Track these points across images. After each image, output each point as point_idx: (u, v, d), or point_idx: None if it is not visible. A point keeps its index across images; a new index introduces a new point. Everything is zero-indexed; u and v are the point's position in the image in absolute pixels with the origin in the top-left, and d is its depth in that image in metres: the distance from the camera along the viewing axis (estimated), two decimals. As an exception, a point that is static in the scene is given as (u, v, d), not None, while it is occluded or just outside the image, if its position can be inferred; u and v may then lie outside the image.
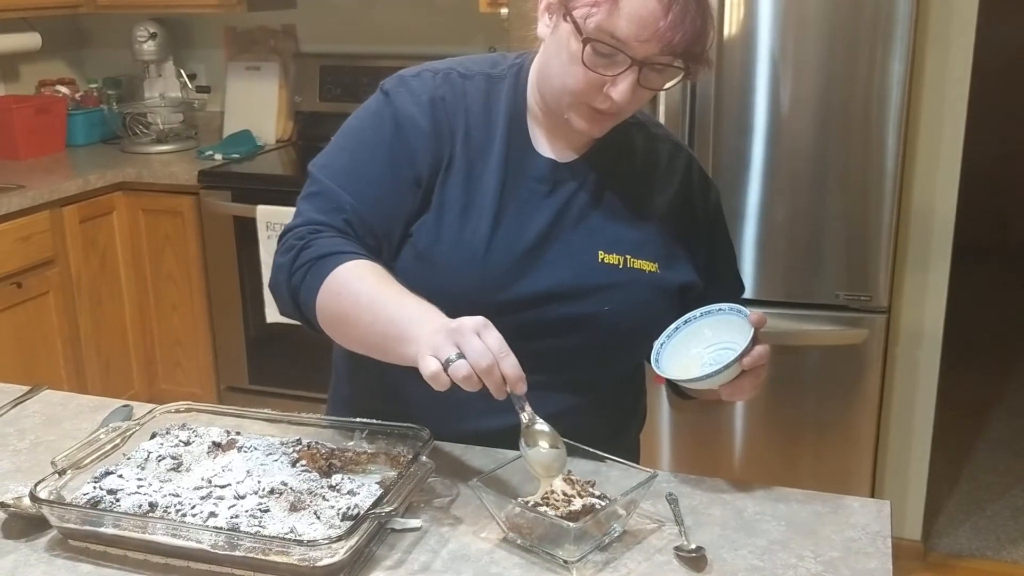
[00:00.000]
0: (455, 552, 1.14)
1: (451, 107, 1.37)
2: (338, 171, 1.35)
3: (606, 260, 1.37)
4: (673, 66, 1.27)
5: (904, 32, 2.42)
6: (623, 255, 1.37)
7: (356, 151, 1.37)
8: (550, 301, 1.35)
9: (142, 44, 3.73)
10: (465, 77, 1.40)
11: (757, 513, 1.23)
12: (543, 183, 1.38)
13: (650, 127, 1.48)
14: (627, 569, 1.12)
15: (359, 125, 1.39)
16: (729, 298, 1.40)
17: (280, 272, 1.32)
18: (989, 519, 3.22)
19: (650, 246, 1.39)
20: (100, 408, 1.53)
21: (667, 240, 1.41)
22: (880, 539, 1.18)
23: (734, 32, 2.52)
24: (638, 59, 1.24)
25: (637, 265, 1.38)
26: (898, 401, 2.86)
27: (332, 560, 1.05)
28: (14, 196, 2.94)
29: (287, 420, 1.33)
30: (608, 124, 1.33)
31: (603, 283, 1.36)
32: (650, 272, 1.38)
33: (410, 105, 1.36)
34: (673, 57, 1.25)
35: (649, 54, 1.23)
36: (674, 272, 1.41)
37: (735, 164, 2.59)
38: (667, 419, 2.82)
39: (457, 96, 1.38)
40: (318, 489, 1.17)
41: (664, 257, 1.40)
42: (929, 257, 2.75)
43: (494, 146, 1.37)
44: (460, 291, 1.32)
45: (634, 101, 1.29)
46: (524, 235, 1.35)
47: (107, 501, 1.15)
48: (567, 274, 1.35)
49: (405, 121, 1.35)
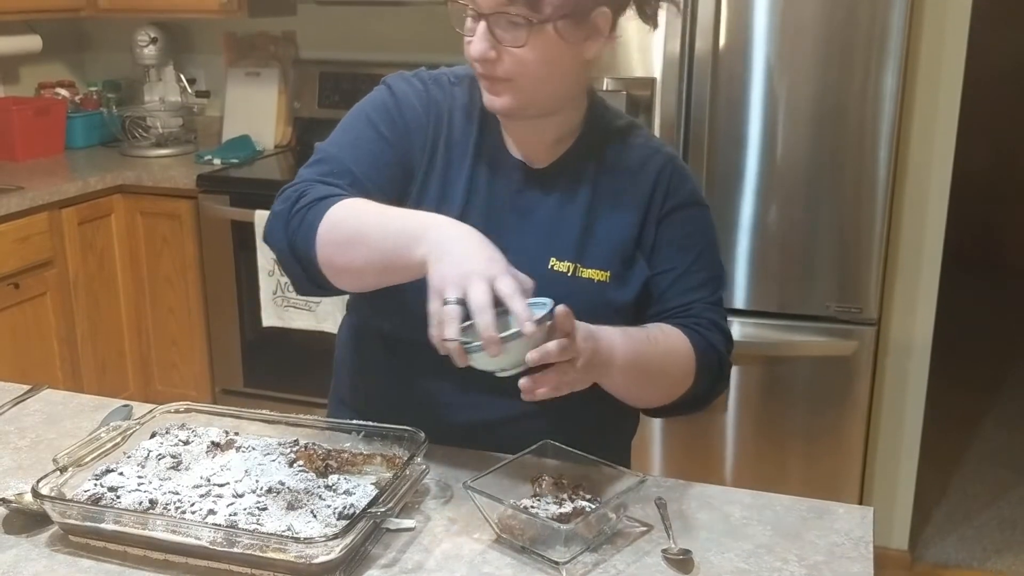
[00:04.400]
0: (448, 552, 1.17)
1: (440, 109, 1.42)
2: (343, 145, 1.40)
3: (556, 268, 1.37)
4: (525, 17, 1.25)
5: (897, 45, 2.46)
6: (574, 263, 1.38)
7: (359, 128, 1.41)
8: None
9: (143, 48, 3.75)
10: (454, 83, 1.44)
11: (744, 518, 1.26)
12: (511, 186, 1.41)
13: (629, 134, 1.46)
14: (616, 570, 1.14)
15: (361, 108, 1.44)
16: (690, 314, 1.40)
17: (277, 219, 1.33)
18: (976, 530, 3.25)
19: (605, 255, 1.39)
20: (100, 407, 1.55)
21: (626, 249, 1.40)
22: (863, 544, 1.21)
23: (729, 43, 2.56)
24: (482, 10, 1.27)
25: (586, 275, 1.37)
26: (887, 412, 2.89)
27: (328, 558, 1.08)
28: (13, 197, 2.96)
29: (284, 421, 1.35)
30: (504, 91, 1.32)
31: (548, 291, 1.29)
32: (599, 282, 1.37)
33: (410, 94, 1.42)
34: (510, 3, 1.25)
35: (489, 4, 1.26)
36: (628, 284, 1.39)
37: (729, 175, 2.63)
38: (659, 427, 2.85)
39: (446, 99, 1.43)
40: (315, 489, 1.20)
41: (619, 267, 1.39)
42: (919, 269, 2.78)
43: (468, 147, 1.41)
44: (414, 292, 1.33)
45: (512, 63, 1.29)
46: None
47: (108, 498, 1.18)
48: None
49: (404, 102, 1.41)
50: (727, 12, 2.53)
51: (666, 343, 1.37)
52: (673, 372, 1.38)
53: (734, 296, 2.70)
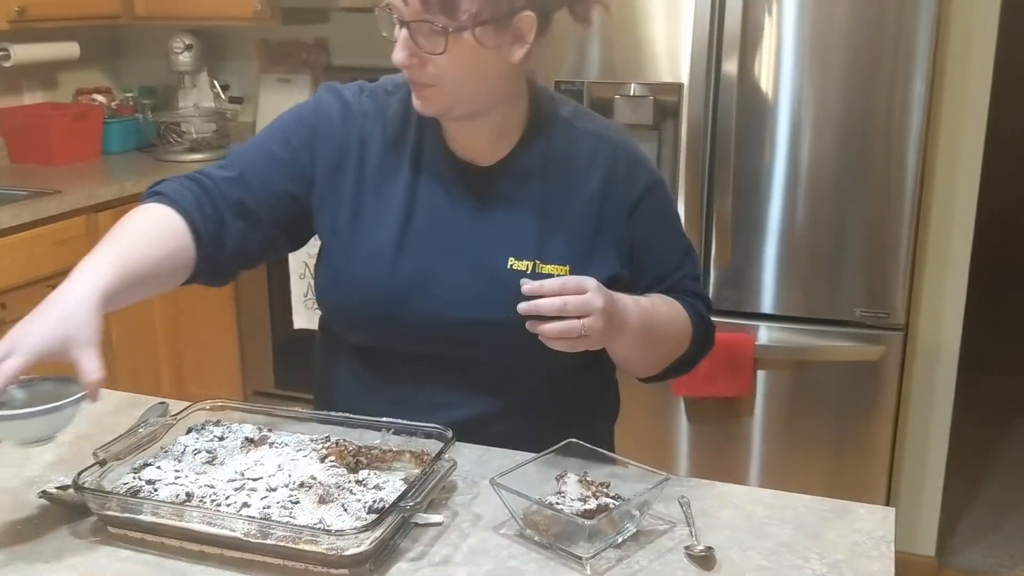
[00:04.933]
0: (474, 546, 1.20)
1: (371, 121, 1.44)
2: (250, 145, 1.47)
3: (515, 267, 1.39)
4: (443, 25, 1.27)
5: (924, 51, 2.46)
6: (532, 260, 1.40)
7: (271, 131, 1.47)
8: (461, 308, 1.39)
9: (178, 55, 3.82)
10: (390, 93, 1.47)
11: (766, 517, 1.28)
12: (457, 187, 1.42)
13: (575, 122, 1.46)
14: (639, 566, 1.17)
15: (284, 114, 1.49)
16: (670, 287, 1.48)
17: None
18: (1004, 537, 3.24)
19: (562, 249, 1.41)
20: (137, 405, 1.59)
21: (584, 240, 1.42)
22: (884, 544, 1.22)
23: (756, 49, 2.57)
24: (404, 19, 1.29)
25: (546, 270, 1.39)
26: (914, 418, 2.88)
27: (358, 550, 1.11)
28: (51, 201, 3.03)
29: (316, 418, 1.39)
30: (429, 96, 1.34)
31: (509, 290, 1.31)
32: (559, 276, 1.37)
33: (332, 100, 1.46)
34: (426, 11, 1.26)
35: (407, 13, 1.28)
36: (588, 273, 1.38)
37: (756, 181, 2.64)
38: (684, 431, 2.86)
39: (379, 111, 1.45)
40: (345, 484, 1.23)
41: (578, 259, 1.41)
42: (947, 275, 2.78)
43: (405, 154, 1.43)
44: (373, 299, 1.40)
45: (436, 69, 1.30)
46: (436, 242, 1.41)
47: (146, 490, 1.21)
48: (476, 282, 1.40)
49: (321, 113, 1.45)
50: (754, 18, 2.55)
51: (668, 311, 1.46)
52: (674, 338, 1.48)
53: (762, 301, 2.72)
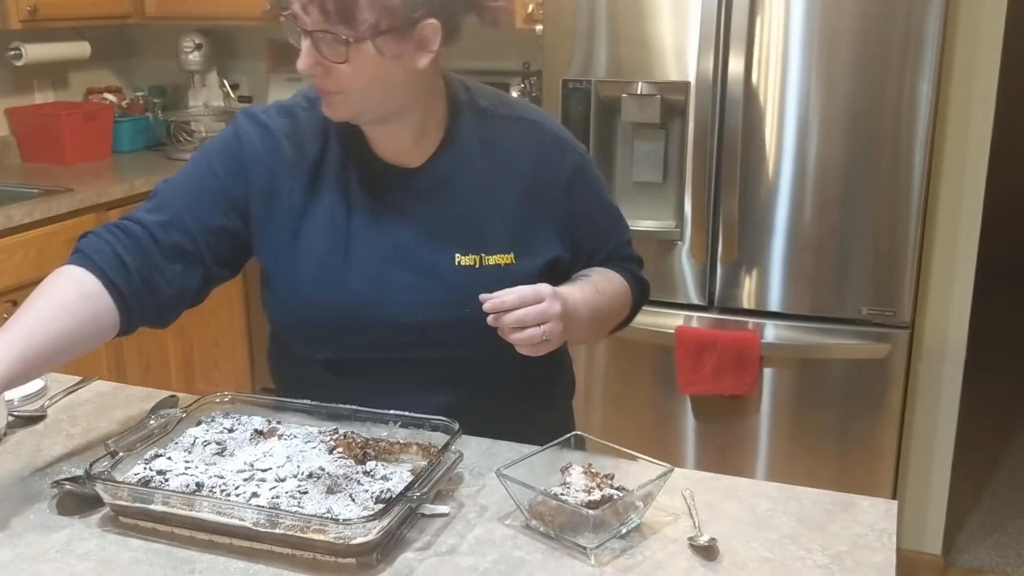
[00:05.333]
0: (480, 537, 1.21)
1: (293, 140, 1.44)
2: (177, 184, 1.45)
3: (462, 263, 1.42)
4: (345, 35, 1.27)
5: (932, 51, 2.47)
6: (478, 254, 1.42)
7: (196, 166, 1.46)
8: (415, 310, 1.41)
9: (188, 54, 3.84)
10: (307, 109, 1.46)
11: (769, 509, 1.29)
12: (392, 193, 1.43)
13: (496, 110, 1.48)
14: (643, 556, 1.18)
15: (205, 148, 1.49)
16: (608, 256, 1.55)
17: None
18: (1011, 536, 3.24)
19: (504, 238, 1.43)
20: (148, 398, 1.61)
21: (522, 225, 1.45)
22: (886, 536, 1.23)
23: (763, 48, 2.58)
24: (306, 29, 1.29)
25: (492, 261, 1.42)
26: (920, 416, 2.89)
27: (365, 539, 1.12)
28: (63, 199, 3.05)
29: (324, 411, 1.40)
30: (337, 103, 1.35)
31: (461, 287, 1.39)
32: (506, 265, 1.42)
33: (251, 127, 1.45)
34: (326, 22, 1.27)
35: (308, 23, 1.28)
36: (532, 257, 1.44)
37: (763, 179, 2.65)
38: (691, 429, 2.87)
39: (297, 127, 1.45)
40: (353, 474, 1.24)
41: (520, 245, 1.44)
42: (953, 273, 2.79)
43: (331, 167, 1.43)
44: (326, 316, 1.42)
45: (340, 77, 1.31)
46: (380, 250, 1.42)
47: (156, 481, 1.23)
48: (427, 283, 1.41)
49: (243, 136, 1.44)
50: (762, 17, 2.56)
51: (610, 288, 1.52)
52: (618, 311, 1.56)
53: (768, 299, 2.73)
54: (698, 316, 2.78)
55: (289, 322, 1.48)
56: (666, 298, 2.80)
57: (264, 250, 1.46)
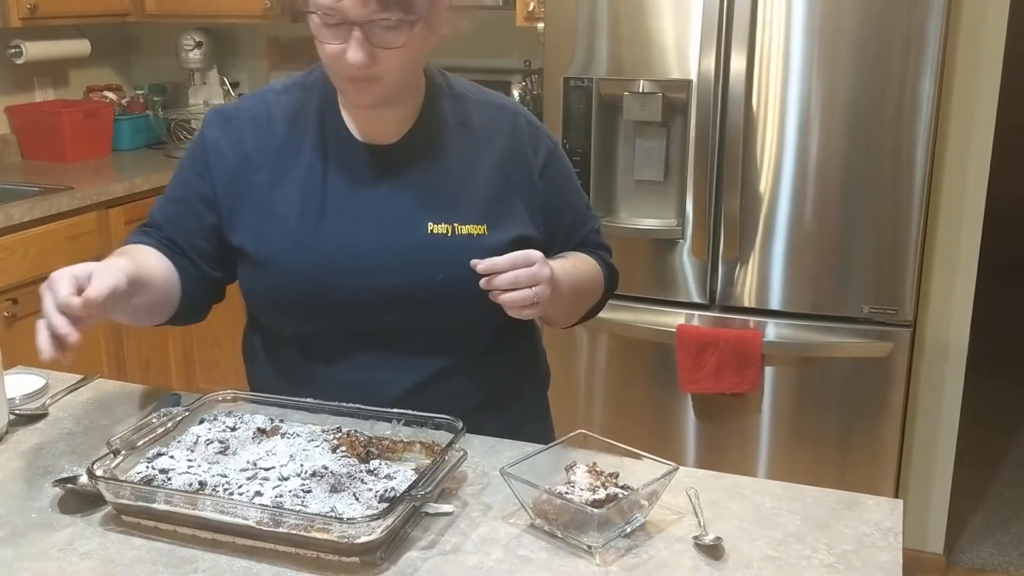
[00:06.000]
0: (485, 536, 1.21)
1: (260, 123, 1.49)
2: (164, 201, 1.55)
3: (435, 231, 1.44)
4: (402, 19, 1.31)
5: (934, 48, 2.46)
6: (451, 224, 1.45)
7: (176, 180, 1.54)
8: (388, 275, 1.43)
9: (188, 52, 3.84)
10: (279, 93, 1.52)
11: (774, 508, 1.29)
12: (367, 168, 1.47)
13: (469, 95, 1.54)
14: (648, 555, 1.18)
15: (182, 158, 1.56)
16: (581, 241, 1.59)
17: None
18: (1013, 535, 3.24)
19: (477, 210, 1.47)
20: (150, 396, 1.61)
21: (496, 200, 1.49)
22: (892, 535, 1.23)
23: (765, 46, 2.57)
24: (354, 20, 1.31)
25: (465, 231, 1.45)
26: (922, 415, 2.89)
27: (369, 538, 1.12)
28: (63, 197, 3.04)
29: (327, 409, 1.39)
30: (374, 89, 1.38)
31: (432, 253, 1.43)
32: (478, 235, 1.45)
33: (213, 124, 1.51)
34: (384, 10, 1.30)
35: (360, 14, 1.30)
36: (503, 230, 1.47)
37: (764, 177, 2.64)
38: (692, 427, 2.87)
39: (268, 110, 1.49)
40: (357, 473, 1.24)
41: (493, 218, 1.48)
42: (955, 271, 2.78)
43: (305, 145, 1.47)
44: (301, 281, 1.45)
45: (387, 64, 1.34)
46: (353, 218, 1.45)
47: (159, 479, 1.22)
48: (397, 248, 1.44)
49: (207, 135, 1.50)
50: (763, 15, 2.55)
51: (585, 269, 1.57)
52: (592, 292, 1.60)
53: (770, 297, 2.72)
54: (699, 314, 2.78)
55: (264, 293, 1.50)
56: (667, 296, 2.80)
57: (236, 231, 1.49)
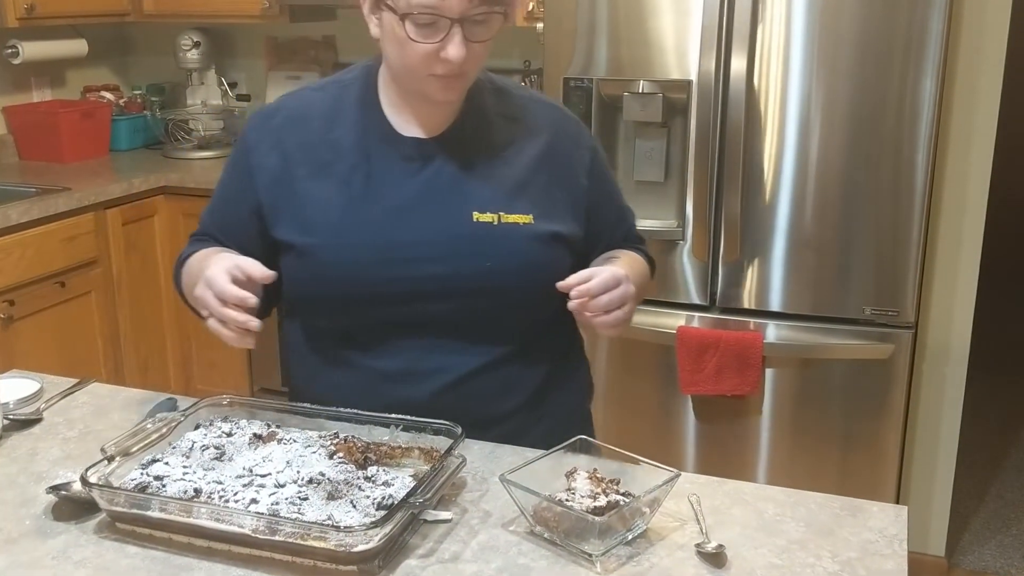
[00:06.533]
0: (484, 543, 1.19)
1: (299, 121, 1.49)
2: (211, 208, 1.58)
3: (480, 219, 1.45)
4: (493, 12, 1.35)
5: (935, 49, 2.45)
6: (496, 212, 1.45)
7: (219, 187, 1.57)
8: (433, 265, 1.43)
9: (186, 52, 3.82)
10: (316, 90, 1.54)
11: (777, 514, 1.27)
12: (412, 160, 1.47)
13: (512, 90, 1.56)
14: (649, 563, 1.16)
15: (225, 164, 1.58)
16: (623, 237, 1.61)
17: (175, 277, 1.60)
18: (1015, 537, 3.22)
19: (523, 200, 1.47)
20: (146, 400, 1.59)
21: (540, 191, 1.49)
22: (897, 542, 1.21)
23: (766, 46, 2.56)
24: (454, 17, 1.31)
25: (511, 220, 1.46)
26: (924, 417, 2.87)
27: (367, 546, 1.10)
28: (60, 198, 3.03)
29: (324, 415, 1.38)
30: (460, 85, 1.41)
31: (479, 240, 1.44)
32: (524, 224, 1.46)
33: (255, 125, 1.52)
34: (485, 5, 1.32)
35: (463, 10, 1.31)
36: (549, 221, 1.48)
37: (765, 179, 2.63)
38: (693, 430, 2.85)
39: (306, 108, 1.50)
40: (354, 480, 1.22)
41: (539, 207, 1.48)
42: (957, 273, 2.77)
43: (345, 139, 1.47)
44: (345, 272, 1.44)
45: (472, 57, 1.36)
46: (397, 209, 1.45)
47: (154, 486, 1.21)
48: (443, 236, 1.44)
49: (248, 145, 1.51)
50: (764, 15, 2.54)
51: (639, 268, 1.59)
52: (646, 286, 1.62)
53: (770, 299, 2.70)
54: (700, 316, 2.76)
55: (306, 284, 1.48)
56: (668, 298, 2.78)
57: (279, 226, 1.48)
